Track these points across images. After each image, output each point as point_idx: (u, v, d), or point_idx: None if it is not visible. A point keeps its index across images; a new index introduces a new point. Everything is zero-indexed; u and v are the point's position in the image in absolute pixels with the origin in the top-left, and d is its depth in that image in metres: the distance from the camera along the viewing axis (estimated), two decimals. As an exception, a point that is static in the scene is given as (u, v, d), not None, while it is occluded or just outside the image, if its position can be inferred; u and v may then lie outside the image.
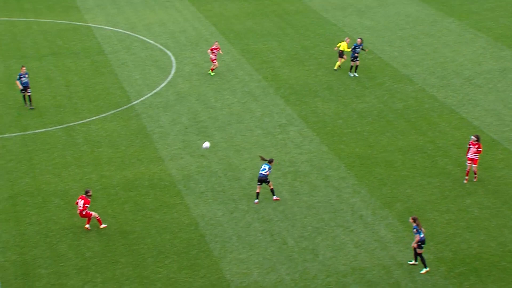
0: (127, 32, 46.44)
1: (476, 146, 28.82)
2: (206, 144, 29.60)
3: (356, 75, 39.05)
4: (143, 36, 45.75)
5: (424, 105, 36.01)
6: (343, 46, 39.17)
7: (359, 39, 38.86)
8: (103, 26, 47.53)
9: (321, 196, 28.89)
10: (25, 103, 36.54)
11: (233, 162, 31.36)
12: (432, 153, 31.71)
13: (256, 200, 28.42)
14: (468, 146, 29.17)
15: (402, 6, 50.11)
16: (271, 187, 28.36)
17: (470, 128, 33.58)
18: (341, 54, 39.37)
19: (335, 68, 39.94)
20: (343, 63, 39.89)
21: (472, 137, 29.12)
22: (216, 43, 39.52)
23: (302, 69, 40.55)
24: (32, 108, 36.31)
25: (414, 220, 24.25)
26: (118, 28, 47.11)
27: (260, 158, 28.65)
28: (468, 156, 29.04)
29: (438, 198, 28.50)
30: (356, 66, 39.04)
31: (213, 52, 38.98)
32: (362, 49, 38.78)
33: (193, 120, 35.10)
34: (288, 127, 34.20)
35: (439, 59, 41.31)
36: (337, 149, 32.23)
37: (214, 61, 39.19)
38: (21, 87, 36.06)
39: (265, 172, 27.93)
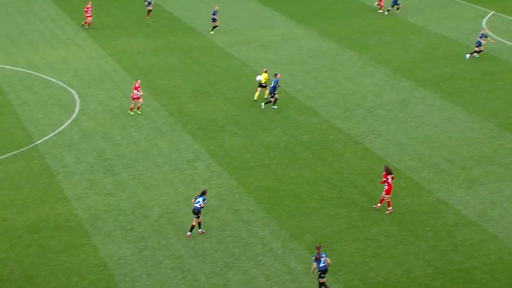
0: (28, 71, 45.43)
1: (383, 177, 29.76)
2: (260, 77, 29.73)
3: (275, 107, 39.64)
4: (45, 75, 44.88)
5: (329, 137, 36.81)
6: (263, 77, 40.01)
7: (278, 74, 39.60)
8: (1, 66, 46.33)
9: (231, 230, 28.91)
10: None
11: (142, 200, 31.01)
12: (338, 183, 32.37)
13: (189, 233, 28.39)
14: None
15: (304, 40, 51.30)
16: (199, 221, 28.31)
17: (374, 158, 34.53)
18: (261, 85, 40.09)
19: (255, 99, 40.63)
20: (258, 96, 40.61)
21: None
22: (139, 81, 39.03)
23: (209, 104, 40.75)
24: None
25: (317, 248, 24.78)
26: (18, 67, 46.04)
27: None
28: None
29: (346, 228, 29.06)
30: (276, 99, 39.61)
31: (138, 90, 38.56)
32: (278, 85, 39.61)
33: (99, 158, 34.56)
34: (196, 163, 34.18)
35: (341, 91, 42.42)
36: (245, 182, 32.42)
37: (139, 99, 38.72)
38: None
39: (199, 204, 27.93)
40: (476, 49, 46.65)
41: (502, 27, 52.92)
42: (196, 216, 28.16)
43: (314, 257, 24.82)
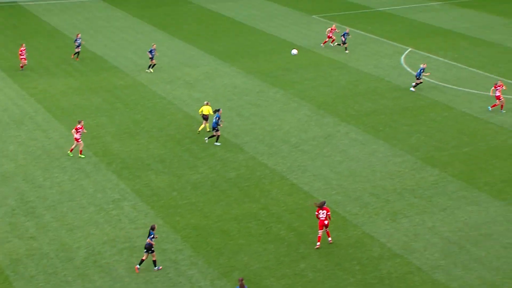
0: None
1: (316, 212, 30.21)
2: (294, 51, 32.51)
3: (218, 144, 39.74)
4: (-37, 116, 43.69)
5: (255, 173, 37.03)
6: (206, 109, 40.70)
7: (220, 110, 40.00)
8: None
9: (159, 270, 28.55)
10: None
11: (66, 242, 30.34)
12: (266, 219, 32.52)
13: (137, 266, 28.09)
14: None
15: (229, 78, 51.75)
16: (154, 258, 27.96)
17: (301, 193, 34.90)
18: (205, 117, 40.76)
19: (199, 130, 41.22)
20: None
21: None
22: (82, 122, 38.25)
23: (134, 142, 40.45)
24: None
25: (239, 280, 24.85)
26: None
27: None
28: None
29: (274, 264, 29.14)
30: (218, 136, 39.74)
31: (78, 132, 37.83)
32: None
33: (21, 201, 33.71)
34: (122, 202, 33.75)
35: (267, 128, 42.86)
36: (172, 221, 32.19)
37: (78, 140, 37.88)
38: None
39: (148, 240, 27.76)
40: (417, 81, 48.36)
41: (419, 63, 54.71)
42: (146, 251, 27.89)
43: None
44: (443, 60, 55.48)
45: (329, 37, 58.59)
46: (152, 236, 28.03)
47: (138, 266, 28.18)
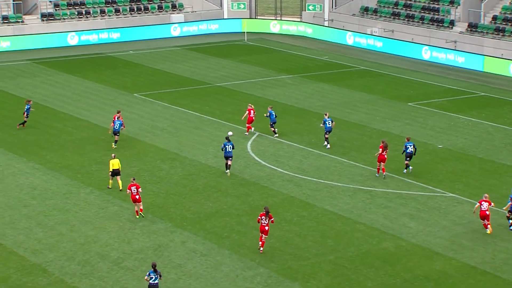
0: None
1: None
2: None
3: None
4: None
5: (63, 301, 35.71)
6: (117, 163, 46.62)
7: None
8: None
9: None
10: None
11: None
12: None
13: None
14: None
15: (25, 176, 50.28)
16: None
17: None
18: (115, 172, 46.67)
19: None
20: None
21: None
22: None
23: None
24: None
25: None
26: None
27: None
28: None
29: None
30: None
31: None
32: None
33: None
34: None
35: (78, 240, 41.71)
36: None
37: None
38: None
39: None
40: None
41: (270, 149, 55.71)
42: None
43: None
44: (298, 146, 56.97)
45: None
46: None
47: None
